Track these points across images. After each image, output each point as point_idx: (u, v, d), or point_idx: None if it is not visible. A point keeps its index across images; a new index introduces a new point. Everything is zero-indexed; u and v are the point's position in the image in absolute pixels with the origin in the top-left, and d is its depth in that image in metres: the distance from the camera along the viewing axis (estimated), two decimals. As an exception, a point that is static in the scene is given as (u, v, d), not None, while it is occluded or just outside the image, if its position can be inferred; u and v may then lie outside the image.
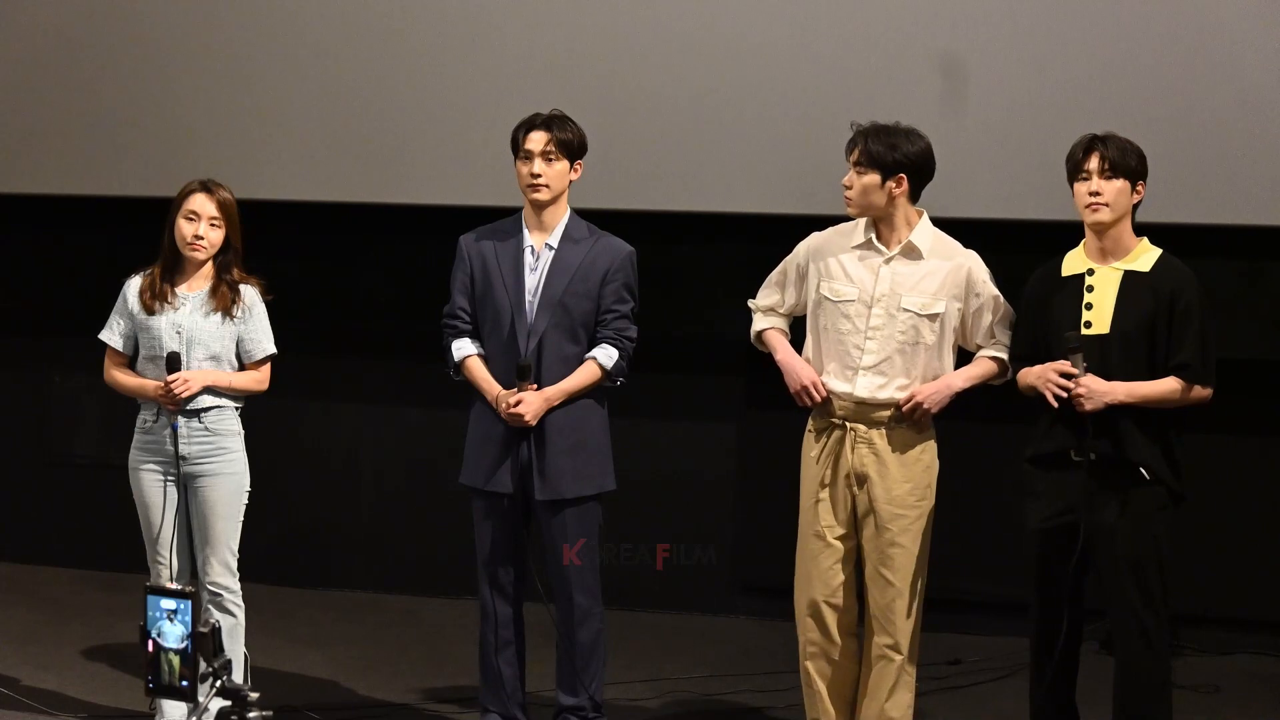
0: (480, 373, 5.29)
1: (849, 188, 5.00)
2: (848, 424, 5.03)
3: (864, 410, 5.00)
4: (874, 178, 4.96)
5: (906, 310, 4.98)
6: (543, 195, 5.21)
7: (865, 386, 4.99)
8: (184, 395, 5.21)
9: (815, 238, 5.17)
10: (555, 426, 5.23)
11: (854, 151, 4.99)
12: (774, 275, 5.23)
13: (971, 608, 6.66)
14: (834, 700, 5.15)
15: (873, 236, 5.04)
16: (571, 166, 5.24)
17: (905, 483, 5.01)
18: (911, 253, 5.01)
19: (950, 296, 5.00)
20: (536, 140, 5.20)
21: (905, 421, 5.00)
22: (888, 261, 5.01)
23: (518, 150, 5.25)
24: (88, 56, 7.03)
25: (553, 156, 5.20)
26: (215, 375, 5.28)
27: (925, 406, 4.98)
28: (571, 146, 5.22)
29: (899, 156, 4.95)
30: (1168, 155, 5.84)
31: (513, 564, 5.34)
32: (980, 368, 5.09)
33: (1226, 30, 6.11)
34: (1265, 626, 6.58)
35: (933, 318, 4.99)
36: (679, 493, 7.08)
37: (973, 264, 5.06)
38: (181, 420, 5.25)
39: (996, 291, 5.07)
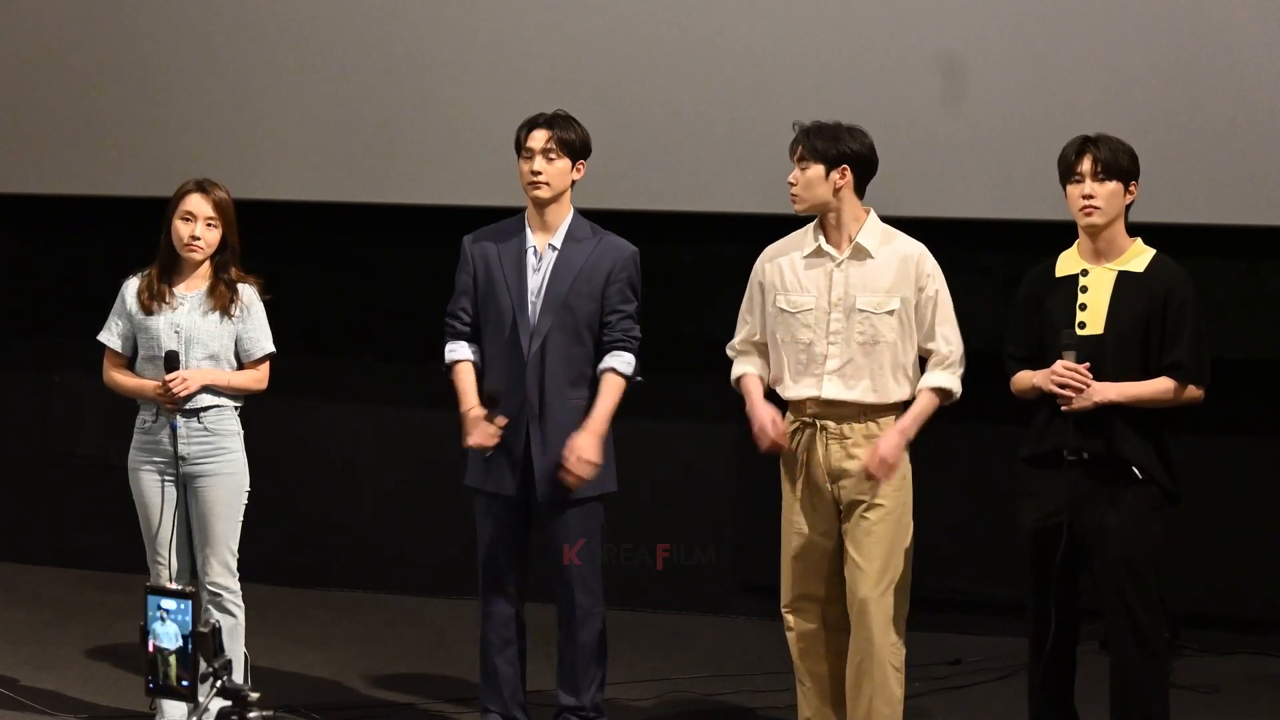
0: (465, 382, 5.28)
1: (794, 183, 5.02)
2: (818, 422, 5.04)
3: (833, 409, 5.01)
4: (818, 170, 4.98)
5: (862, 311, 4.98)
6: (543, 193, 5.21)
7: (831, 389, 5.00)
8: (182, 394, 5.21)
9: (767, 252, 5.18)
10: (560, 428, 5.22)
11: (798, 149, 5.01)
12: (743, 307, 5.23)
13: (971, 608, 6.66)
14: (822, 696, 5.15)
15: (822, 242, 5.05)
16: (574, 166, 5.23)
17: None
18: (860, 254, 5.02)
19: (903, 291, 5.00)
20: (537, 138, 5.20)
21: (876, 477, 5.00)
22: (839, 265, 5.02)
23: (520, 149, 5.25)
24: (87, 57, 7.03)
25: (553, 155, 5.19)
26: (214, 374, 5.28)
27: (890, 463, 4.97)
28: (573, 146, 5.22)
29: (842, 149, 4.98)
30: (1168, 155, 5.85)
31: (515, 564, 5.34)
32: (924, 403, 5.03)
33: (1226, 30, 6.11)
34: (1265, 626, 6.58)
35: (890, 314, 4.99)
36: (679, 493, 7.08)
37: (920, 255, 5.04)
38: (181, 420, 5.26)
39: (940, 287, 5.04)
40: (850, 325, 4.99)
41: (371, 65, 6.80)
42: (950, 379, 5.03)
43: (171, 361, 5.21)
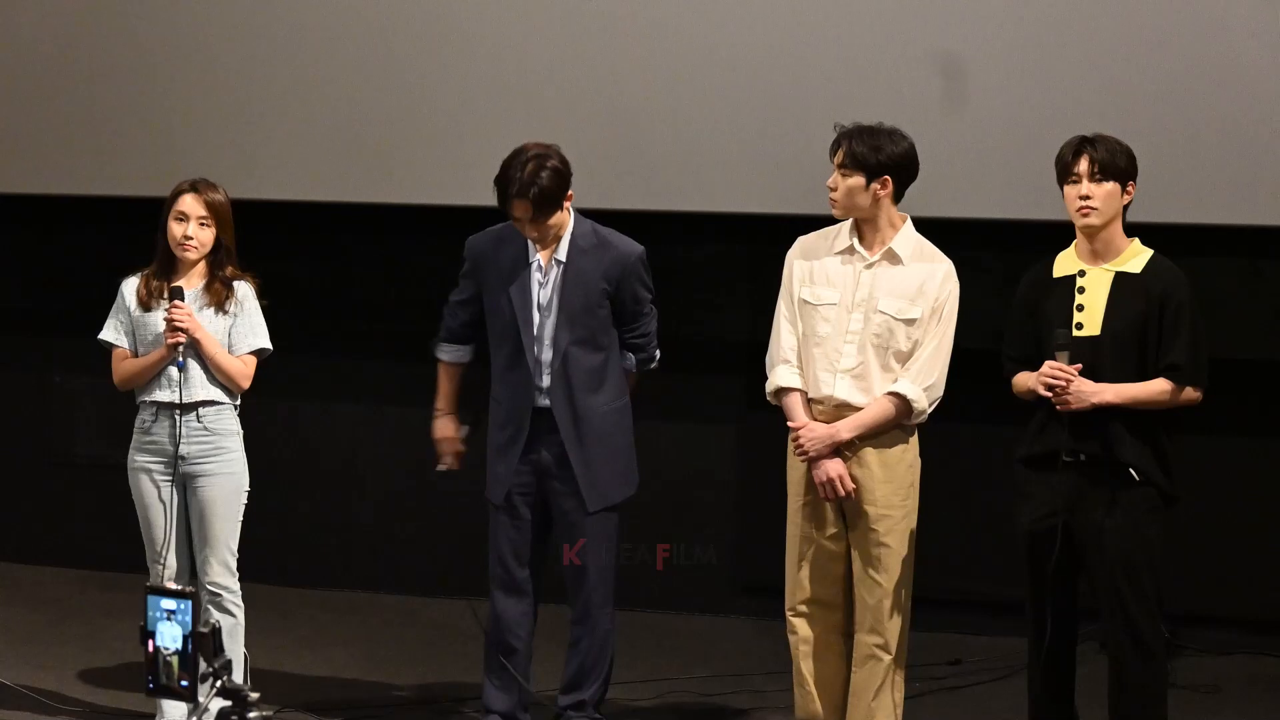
0: (444, 384, 5.46)
1: (833, 189, 4.99)
2: None
3: (844, 413, 4.99)
4: (858, 179, 4.96)
5: (882, 313, 4.96)
6: (544, 243, 5.22)
7: (844, 389, 4.98)
8: (182, 323, 5.17)
9: (799, 244, 5.16)
10: (599, 437, 5.24)
11: (838, 153, 4.98)
12: (782, 311, 5.12)
13: (971, 608, 6.66)
14: (824, 701, 5.15)
15: (855, 241, 5.04)
16: (560, 206, 5.19)
17: (888, 483, 5.00)
18: (892, 258, 5.01)
19: (924, 302, 4.97)
20: (521, 210, 5.12)
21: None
22: (869, 266, 5.01)
23: (507, 213, 5.20)
24: (86, 56, 7.03)
25: (539, 218, 5.15)
26: (207, 335, 5.24)
27: (806, 450, 4.97)
28: (555, 206, 5.15)
29: (883, 158, 4.94)
30: (1168, 155, 5.85)
31: (528, 567, 5.36)
32: (875, 412, 4.96)
33: (1226, 30, 6.10)
34: (1265, 626, 6.58)
35: (908, 322, 4.97)
36: (679, 493, 7.08)
37: (944, 272, 5.02)
38: (180, 419, 5.26)
39: (948, 319, 4.98)
40: (869, 327, 4.97)
41: (372, 65, 6.79)
42: (916, 390, 4.95)
43: (176, 294, 5.21)
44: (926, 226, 5.20)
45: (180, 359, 5.23)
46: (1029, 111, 6.21)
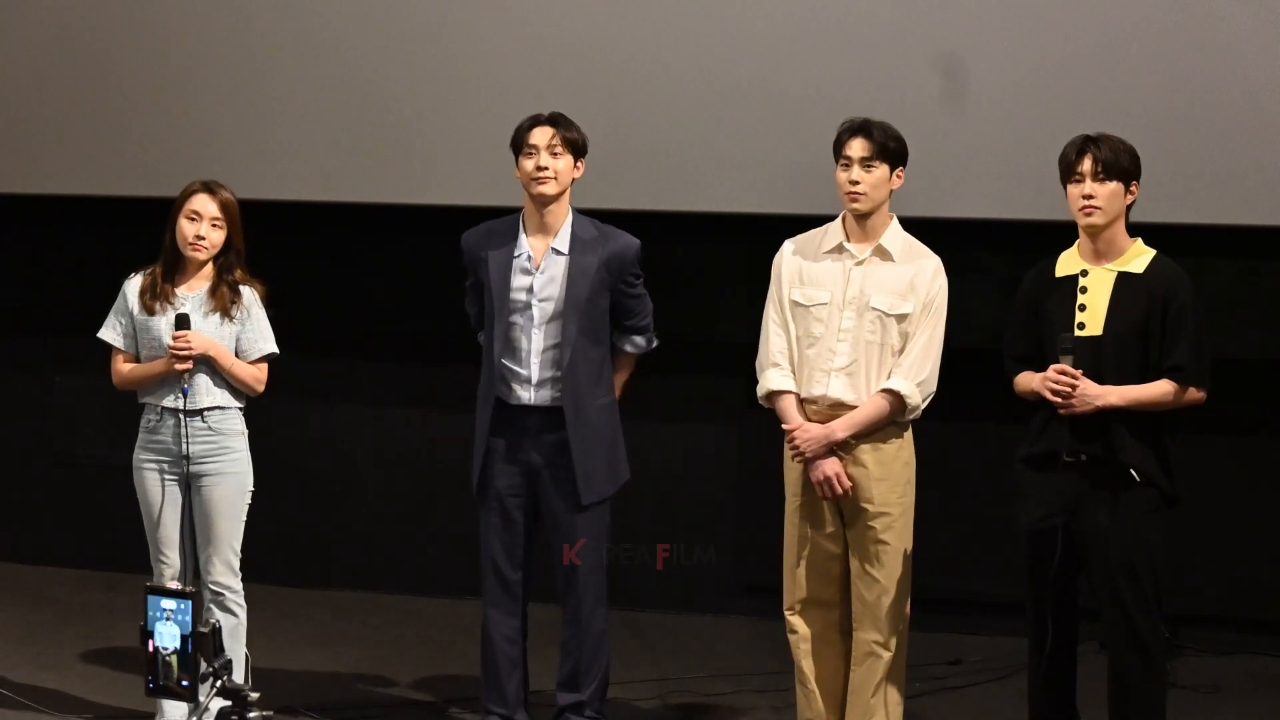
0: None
1: (857, 183, 4.98)
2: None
3: (839, 412, 4.99)
4: (885, 170, 4.98)
5: (874, 309, 4.97)
6: (549, 188, 5.19)
7: (838, 388, 4.99)
8: (185, 352, 5.17)
9: (787, 247, 5.15)
10: (595, 430, 5.24)
11: (856, 146, 4.97)
12: (770, 314, 5.13)
13: (971, 608, 6.66)
14: (826, 699, 5.15)
15: (843, 240, 5.04)
16: (575, 164, 5.24)
17: (884, 480, 5.01)
18: (882, 255, 5.01)
19: (915, 298, 4.98)
20: (542, 135, 5.20)
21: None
22: (859, 264, 5.01)
23: (521, 147, 5.23)
24: (88, 56, 7.03)
25: (558, 151, 5.19)
26: (219, 348, 5.25)
27: (802, 451, 4.98)
28: (576, 144, 5.23)
29: (901, 149, 5.00)
30: (1168, 155, 5.85)
31: (520, 565, 5.35)
32: (869, 410, 4.97)
33: (1226, 29, 6.11)
34: (1265, 626, 6.58)
35: (900, 318, 4.97)
36: (679, 493, 7.08)
37: (934, 268, 5.02)
38: (185, 420, 5.25)
39: (938, 314, 5.00)
40: (861, 324, 4.98)
41: (372, 65, 6.79)
42: (909, 386, 4.96)
43: (182, 322, 5.20)
44: (928, 226, 5.21)
45: (186, 385, 5.22)
46: (1029, 111, 6.21)
